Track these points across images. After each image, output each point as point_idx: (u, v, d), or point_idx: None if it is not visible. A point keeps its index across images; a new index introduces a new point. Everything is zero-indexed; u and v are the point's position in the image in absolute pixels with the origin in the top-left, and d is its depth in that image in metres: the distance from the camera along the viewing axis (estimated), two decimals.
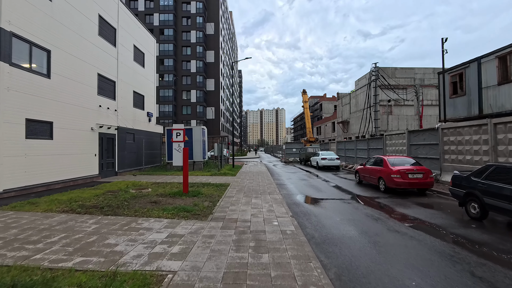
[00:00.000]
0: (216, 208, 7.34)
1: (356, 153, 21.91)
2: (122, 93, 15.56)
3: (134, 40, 17.30)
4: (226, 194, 9.55)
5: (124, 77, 15.81)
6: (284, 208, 7.49)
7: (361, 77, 40.93)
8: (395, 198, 9.62)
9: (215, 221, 6.08)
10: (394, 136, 16.16)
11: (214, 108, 56.57)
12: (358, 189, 11.68)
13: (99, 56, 13.38)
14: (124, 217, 6.26)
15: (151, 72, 19.98)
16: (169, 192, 9.47)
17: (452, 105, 12.48)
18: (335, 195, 10.26)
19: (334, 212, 7.49)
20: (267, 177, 15.20)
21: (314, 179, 15.13)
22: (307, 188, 11.85)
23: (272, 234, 5.16)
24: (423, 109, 29.71)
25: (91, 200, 7.98)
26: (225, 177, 14.50)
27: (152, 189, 10.32)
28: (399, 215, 7.17)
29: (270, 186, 11.69)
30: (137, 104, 17.74)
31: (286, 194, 10.26)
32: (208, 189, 10.36)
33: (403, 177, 10.06)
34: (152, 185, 11.43)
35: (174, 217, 6.31)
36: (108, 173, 14.12)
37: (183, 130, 9.48)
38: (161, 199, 8.44)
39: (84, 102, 12.21)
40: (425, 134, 13.20)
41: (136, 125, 17.22)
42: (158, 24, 54.51)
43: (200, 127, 18.92)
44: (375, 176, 11.53)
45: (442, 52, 12.42)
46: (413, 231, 5.79)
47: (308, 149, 28.18)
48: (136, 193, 9.40)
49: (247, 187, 11.17)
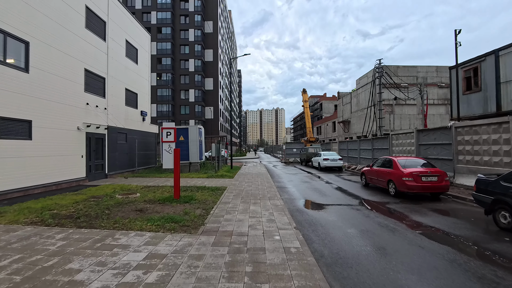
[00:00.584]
0: (209, 217, 6.44)
1: (359, 154, 21.03)
2: (112, 91, 14.65)
3: (126, 35, 16.39)
4: (222, 199, 8.65)
5: (115, 73, 14.90)
6: (287, 216, 6.60)
7: (362, 76, 40.11)
8: (407, 203, 8.73)
9: (206, 234, 5.19)
10: (401, 135, 15.28)
11: (212, 108, 55.65)
12: (365, 192, 10.80)
13: (86, 50, 12.47)
14: (100, 230, 5.36)
15: (145, 69, 19.08)
16: (159, 197, 8.58)
17: (466, 102, 11.61)
18: (341, 199, 9.37)
19: (343, 221, 6.60)
20: (267, 179, 14.31)
21: (316, 181, 14.25)
22: (310, 192, 10.96)
23: (274, 253, 4.27)
24: (427, 108, 28.86)
25: (68, 208, 7.07)
26: (222, 180, 13.61)
27: (141, 194, 9.42)
28: (418, 225, 6.28)
29: (270, 189, 10.80)
30: (130, 103, 16.84)
31: (288, 199, 9.38)
32: (203, 194, 9.46)
33: (416, 180, 9.17)
34: (142, 189, 10.53)
35: (159, 229, 5.42)
36: (96, 176, 13.21)
37: (174, 129, 8.59)
38: (149, 206, 7.54)
39: (69, 99, 11.31)
40: (436, 133, 12.32)
41: (128, 125, 16.31)
42: (155, 22, 53.58)
43: (197, 127, 18.03)
44: (383, 179, 10.65)
45: (456, 45, 11.55)
46: (438, 246, 4.91)
47: (309, 150, 27.29)
48: (122, 199, 8.50)
49: (245, 191, 10.27)
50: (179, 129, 18.14)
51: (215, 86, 56.43)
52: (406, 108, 34.12)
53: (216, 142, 18.35)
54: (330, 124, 57.69)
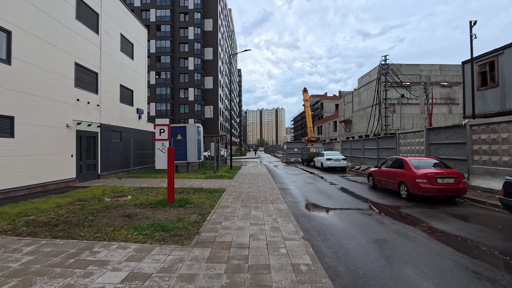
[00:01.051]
0: (205, 224, 5.71)
1: (363, 154, 20.30)
2: (106, 87, 13.92)
3: (121, 29, 15.65)
4: (220, 203, 7.92)
5: (108, 68, 14.17)
6: (292, 223, 5.87)
7: (364, 75, 39.40)
8: (422, 207, 8.01)
9: (201, 246, 4.47)
10: (409, 134, 14.55)
11: (212, 107, 54.91)
12: (373, 195, 10.07)
13: (77, 43, 11.74)
14: (78, 241, 4.64)
15: (141, 65, 18.34)
16: (152, 200, 7.85)
17: (481, 99, 10.88)
18: (350, 203, 8.64)
19: (355, 228, 5.87)
20: (268, 180, 13.59)
21: (320, 182, 13.52)
22: (315, 194, 10.23)
23: (281, 273, 3.54)
24: (432, 106, 28.14)
25: (48, 214, 6.35)
26: (221, 181, 12.88)
27: (133, 196, 8.69)
28: (441, 234, 5.55)
29: (272, 191, 10.07)
30: (125, 100, 16.10)
31: (292, 202, 8.65)
32: (199, 197, 8.73)
33: (431, 182, 8.44)
34: (135, 191, 9.81)
35: (147, 240, 4.69)
36: (88, 176, 12.48)
37: (168, 126, 7.86)
38: (139, 211, 6.81)
39: (57, 94, 10.58)
40: (449, 132, 11.60)
41: (123, 123, 15.58)
42: (154, 20, 52.82)
43: (195, 125, 17.30)
44: (394, 181, 9.92)
45: (471, 37, 10.82)
46: (472, 261, 4.18)
47: (311, 149, 26.55)
48: (110, 202, 7.77)
49: (245, 194, 9.55)
50: (177, 128, 17.43)
51: (215, 85, 55.68)
52: (408, 107, 33.43)
53: (215, 142, 17.62)
54: (331, 124, 57.00)
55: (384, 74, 19.55)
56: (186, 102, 53.04)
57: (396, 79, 20.35)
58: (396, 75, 19.88)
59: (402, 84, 20.87)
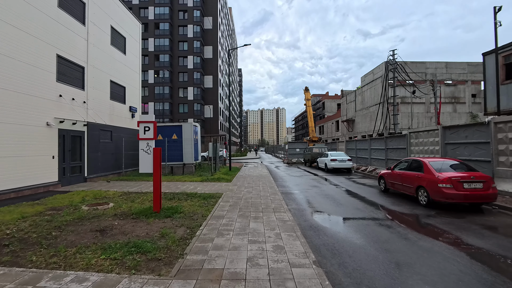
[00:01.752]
0: (193, 242, 4.66)
1: (370, 154, 19.22)
2: (94, 82, 12.88)
3: (112, 21, 14.62)
4: (215, 212, 6.86)
5: (97, 63, 13.14)
6: (300, 240, 4.81)
7: (368, 73, 38.28)
8: (447, 216, 6.94)
9: (182, 277, 3.41)
10: (421, 133, 13.46)
11: (212, 106, 53.88)
12: (387, 200, 9.01)
13: (59, 33, 10.71)
14: (25, 269, 3.59)
15: (134, 60, 17.31)
16: (136, 209, 6.80)
17: (506, 94, 9.81)
18: (362, 211, 7.57)
19: (376, 246, 4.81)
20: (270, 183, 12.53)
21: (326, 186, 12.46)
22: (321, 200, 9.16)
23: None
24: (440, 105, 27.01)
25: (6, 228, 5.30)
26: (218, 184, 11.82)
27: (116, 203, 7.65)
28: (483, 253, 4.47)
29: (274, 197, 9.01)
30: (116, 97, 15.07)
31: (297, 210, 7.58)
32: (192, 204, 7.68)
33: (456, 187, 7.37)
34: (121, 196, 8.76)
35: (115, 267, 3.65)
36: (73, 180, 11.44)
37: (154, 124, 6.82)
38: (117, 223, 5.76)
39: (36, 89, 9.55)
40: (469, 130, 10.51)
41: (114, 121, 14.55)
42: (153, 18, 51.84)
43: (191, 124, 16.26)
44: (411, 185, 8.84)
45: (495, 25, 9.76)
46: None
47: (314, 149, 25.47)
48: (87, 211, 6.73)
49: (244, 200, 8.49)
50: (172, 127, 16.39)
51: (215, 84, 54.64)
52: (412, 106, 32.37)
53: (212, 141, 16.58)
54: (333, 123, 55.96)
55: (392, 70, 18.43)
56: (185, 102, 52.02)
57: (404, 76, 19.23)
58: (404, 71, 18.76)
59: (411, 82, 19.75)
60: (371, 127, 36.39)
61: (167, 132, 16.11)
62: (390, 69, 18.55)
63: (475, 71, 34.60)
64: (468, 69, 34.74)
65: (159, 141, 15.85)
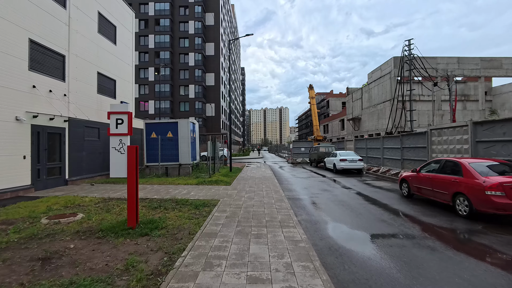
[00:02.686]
0: (167, 282, 3.22)
1: (382, 154, 17.64)
2: (77, 73, 11.52)
3: (100, 6, 13.24)
4: (206, 227, 5.42)
5: (81, 51, 11.77)
6: (320, 277, 3.35)
7: (375, 69, 36.57)
8: (501, 233, 5.44)
9: None
10: (446, 130, 11.89)
11: (214, 105, 52.48)
12: (415, 209, 7.50)
13: (32, 14, 9.33)
14: None
15: (127, 52, 15.94)
16: (107, 224, 5.39)
17: None
18: (390, 224, 6.08)
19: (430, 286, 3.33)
20: (274, 186, 11.08)
21: (338, 189, 10.97)
22: (336, 208, 7.68)
23: None
24: (456, 101, 25.30)
25: None
26: (216, 188, 10.40)
27: (87, 214, 6.24)
28: None
29: (280, 204, 7.55)
30: (105, 91, 13.70)
31: (309, 223, 6.11)
32: (179, 215, 6.25)
33: (510, 195, 5.86)
34: (97, 204, 7.37)
35: None
36: (50, 183, 10.09)
37: (129, 115, 5.40)
38: (73, 246, 4.35)
39: (1, 78, 8.18)
40: (507, 125, 8.95)
41: (103, 118, 13.19)
42: (153, 13, 50.58)
43: (188, 120, 14.87)
44: (445, 191, 7.33)
45: None
46: None
47: (320, 149, 23.93)
48: (45, 226, 5.33)
49: (244, 209, 7.04)
50: (167, 124, 15.02)
51: (217, 82, 53.25)
52: (419, 104, 30.73)
53: (211, 140, 15.16)
54: (338, 122, 54.36)
55: (407, 62, 16.80)
56: (187, 100, 50.69)
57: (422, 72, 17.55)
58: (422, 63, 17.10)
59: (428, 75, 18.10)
60: (379, 125, 34.75)
61: (161, 129, 14.73)
62: (406, 60, 16.92)
63: (488, 67, 32.80)
64: (481, 64, 32.95)
65: (153, 140, 14.49)
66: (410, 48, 16.66)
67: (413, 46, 16.64)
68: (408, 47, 16.74)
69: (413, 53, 16.96)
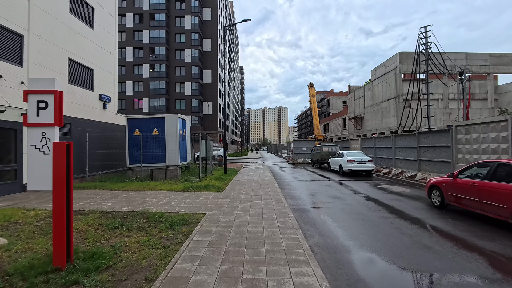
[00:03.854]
0: None
1: (394, 154, 15.88)
2: (40, 58, 9.68)
3: None
4: (175, 266, 3.59)
5: (46, 33, 9.94)
6: None
7: (379, 65, 34.80)
8: None
9: None
10: (477, 127, 10.13)
11: (211, 103, 50.60)
12: (459, 227, 5.72)
13: None
14: None
15: (108, 38, 14.09)
16: (29, 258, 3.58)
17: None
18: (437, 253, 4.27)
19: None
20: (275, 192, 9.28)
21: (350, 196, 9.18)
22: (356, 226, 5.88)
23: None
24: (470, 98, 23.59)
25: None
26: (205, 195, 8.58)
27: (14, 239, 4.43)
28: None
29: (284, 221, 5.75)
30: (79, 80, 11.86)
31: (327, 254, 4.30)
32: (143, 240, 4.42)
33: None
34: (41, 221, 5.54)
35: None
36: (0, 190, 8.23)
37: (56, 94, 3.63)
38: None
39: None
40: None
41: (76, 112, 11.36)
42: (148, 8, 48.66)
43: (176, 116, 13.05)
44: (502, 204, 5.54)
45: None
46: None
47: (323, 149, 22.16)
48: None
49: (236, 228, 5.23)
50: (152, 120, 13.19)
51: (214, 79, 51.36)
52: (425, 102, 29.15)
53: (202, 137, 13.34)
54: (339, 121, 52.71)
55: (423, 51, 15.01)
56: (183, 98, 48.82)
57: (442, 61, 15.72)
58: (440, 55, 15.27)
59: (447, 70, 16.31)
60: (383, 124, 33.08)
61: (146, 126, 12.90)
62: (421, 50, 15.15)
63: (498, 63, 31.15)
64: (490, 60, 31.26)
65: (136, 138, 12.66)
66: (427, 36, 14.86)
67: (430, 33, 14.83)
68: (425, 35, 14.94)
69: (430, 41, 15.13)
